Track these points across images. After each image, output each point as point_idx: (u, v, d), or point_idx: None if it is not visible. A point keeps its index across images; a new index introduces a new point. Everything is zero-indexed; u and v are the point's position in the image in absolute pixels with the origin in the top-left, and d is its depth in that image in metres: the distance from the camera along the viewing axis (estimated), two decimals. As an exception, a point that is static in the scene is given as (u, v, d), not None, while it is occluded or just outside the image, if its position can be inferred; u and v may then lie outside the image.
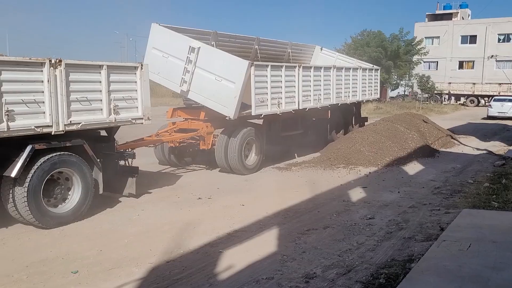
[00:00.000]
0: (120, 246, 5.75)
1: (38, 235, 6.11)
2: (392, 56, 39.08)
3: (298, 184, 9.39)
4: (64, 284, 4.64)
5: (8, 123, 5.75)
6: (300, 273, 4.92)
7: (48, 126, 6.24)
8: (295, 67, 11.38)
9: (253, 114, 10.03)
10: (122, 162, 7.89)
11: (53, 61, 6.19)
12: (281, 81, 10.74)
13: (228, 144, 10.03)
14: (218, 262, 5.28)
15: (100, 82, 6.91)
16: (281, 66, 10.90)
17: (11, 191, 6.08)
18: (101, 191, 7.14)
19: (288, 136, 12.21)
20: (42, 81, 6.13)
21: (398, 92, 49.59)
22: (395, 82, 43.36)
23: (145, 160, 10.41)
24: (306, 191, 8.75)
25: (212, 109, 9.75)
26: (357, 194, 8.53)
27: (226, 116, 9.61)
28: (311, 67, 12.29)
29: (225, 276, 4.91)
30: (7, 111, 5.72)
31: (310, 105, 12.06)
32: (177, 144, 10.61)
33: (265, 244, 5.82)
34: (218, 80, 9.52)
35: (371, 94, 16.33)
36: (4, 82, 5.68)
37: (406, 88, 47.54)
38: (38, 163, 6.19)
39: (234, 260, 5.29)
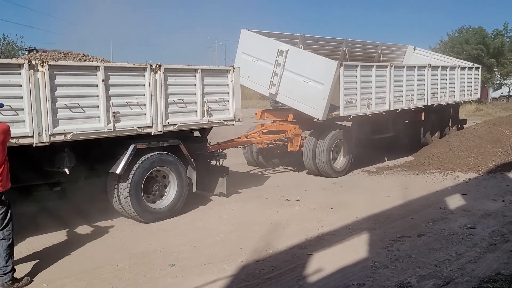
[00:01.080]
0: (212, 243, 5.96)
1: (138, 229, 6.55)
2: (494, 53, 35.97)
3: (389, 189, 9.02)
4: (162, 276, 4.91)
5: (115, 124, 6.24)
6: (393, 281, 4.71)
7: (149, 127, 6.67)
8: (386, 66, 10.97)
9: (341, 115, 9.85)
10: (213, 162, 8.19)
11: (153, 66, 6.62)
12: (371, 82, 10.41)
13: (316, 146, 9.95)
14: (307, 264, 5.24)
15: (195, 85, 7.24)
16: (372, 66, 10.58)
17: (115, 187, 6.59)
18: (194, 189, 7.48)
19: (378, 138, 11.81)
20: (144, 85, 6.57)
21: (502, 93, 45.56)
22: (498, 81, 39.86)
23: (234, 160, 10.69)
24: (398, 196, 8.37)
25: (301, 111, 9.74)
26: (455, 201, 7.98)
27: (315, 118, 9.54)
28: (403, 67, 11.76)
29: (314, 279, 4.87)
30: (114, 113, 6.21)
31: (402, 106, 11.53)
32: (265, 145, 10.76)
33: (355, 249, 5.67)
34: (307, 82, 9.50)
35: (471, 94, 15.20)
36: (112, 86, 6.18)
37: (511, 88, 43.53)
38: (139, 162, 6.64)
39: (323, 263, 5.22)
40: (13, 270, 4.57)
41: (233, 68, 7.78)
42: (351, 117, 10.18)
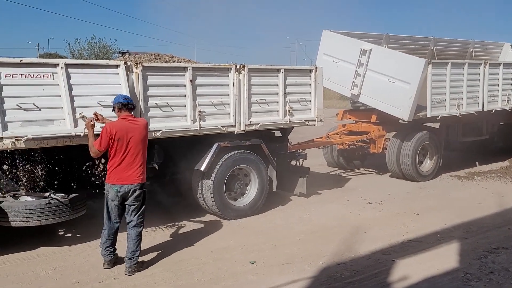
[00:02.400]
0: (292, 242, 5.94)
1: (220, 225, 6.72)
2: None
3: (482, 196, 8.39)
4: (244, 272, 4.99)
5: (200, 122, 6.47)
6: (489, 295, 4.37)
7: (232, 126, 6.82)
8: (480, 64, 10.21)
9: (428, 115, 9.34)
10: (293, 162, 8.17)
11: (238, 67, 6.75)
12: (463, 80, 9.75)
13: (401, 148, 9.54)
14: (392, 271, 5.03)
15: (277, 85, 7.28)
16: (463, 64, 9.91)
17: (200, 183, 6.83)
18: (274, 189, 7.52)
19: (469, 142, 11.03)
20: (228, 85, 6.73)
21: None
22: None
23: (314, 161, 10.58)
24: (493, 204, 7.76)
25: (385, 111, 9.40)
26: (560, 212, 7.22)
27: (400, 119, 9.15)
28: (500, 64, 10.86)
29: (399, 286, 4.66)
30: (200, 112, 6.43)
31: (497, 106, 10.66)
32: (347, 146, 10.53)
33: (444, 258, 5.34)
34: (391, 81, 9.13)
35: None
36: (198, 86, 6.41)
37: None
38: (223, 160, 6.82)
39: (409, 271, 4.98)
40: (140, 255, 5.00)
41: (316, 67, 7.70)
42: (439, 118, 9.61)
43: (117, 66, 5.77)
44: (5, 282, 4.70)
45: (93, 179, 6.17)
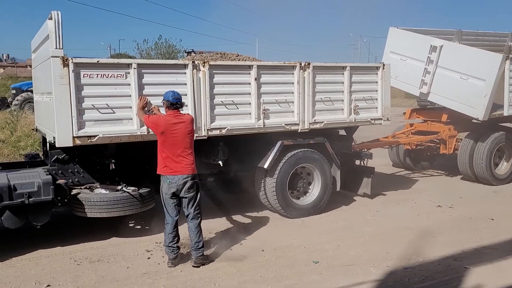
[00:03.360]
0: (357, 244, 5.81)
1: (282, 223, 6.72)
2: None
3: None
4: (307, 272, 4.95)
5: (264, 120, 6.50)
6: None
7: (295, 124, 6.79)
8: None
9: (505, 114, 8.77)
10: (357, 162, 7.98)
11: (302, 64, 6.71)
12: (545, 77, 9.00)
13: (475, 149, 9.01)
14: (464, 278, 4.76)
15: (343, 83, 7.14)
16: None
17: (262, 181, 6.87)
18: (338, 188, 7.39)
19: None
20: (293, 83, 6.71)
21: None
22: None
23: (379, 161, 10.26)
24: None
25: (457, 110, 8.91)
26: None
27: (474, 118, 8.64)
28: None
29: (473, 295, 4.41)
30: (264, 110, 6.46)
31: None
32: (414, 146, 10.13)
33: (523, 268, 4.97)
34: (464, 78, 8.65)
35: None
36: (263, 84, 6.44)
37: None
38: (286, 158, 6.81)
39: (483, 280, 4.69)
40: (203, 245, 5.16)
41: (383, 64, 7.47)
42: (518, 116, 8.97)
43: (185, 66, 5.94)
44: (82, 268, 5.01)
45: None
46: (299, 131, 6.84)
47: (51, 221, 5.57)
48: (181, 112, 5.21)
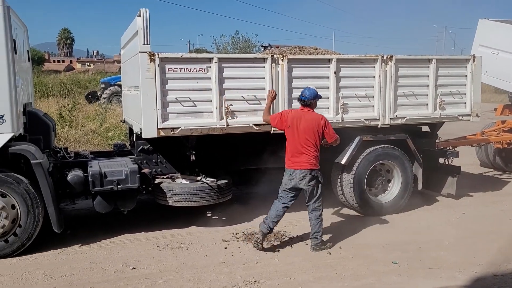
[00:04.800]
0: (440, 246, 5.50)
1: (359, 221, 6.52)
2: None
3: None
4: (386, 272, 4.78)
5: (343, 115, 6.36)
6: None
7: (375, 119, 6.57)
8: None
9: None
10: (441, 160, 7.54)
11: (384, 57, 6.46)
12: None
13: None
14: None
15: (428, 76, 6.77)
16: None
17: (339, 177, 6.73)
18: (420, 187, 7.05)
19: None
20: (374, 77, 6.49)
21: None
22: None
23: (465, 160, 9.62)
24: None
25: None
26: None
27: None
28: None
29: None
30: (343, 104, 6.32)
31: None
32: (506, 145, 9.35)
33: None
34: None
35: None
36: (342, 78, 6.30)
37: None
38: (364, 154, 6.61)
39: None
40: (322, 234, 5.41)
41: (474, 57, 6.97)
42: None
43: (264, 60, 5.98)
44: (163, 253, 5.26)
45: (238, 167, 6.56)
46: (379, 126, 6.61)
47: (136, 207, 5.90)
48: (313, 110, 5.44)
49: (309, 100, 5.39)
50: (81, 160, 6.20)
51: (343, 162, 6.51)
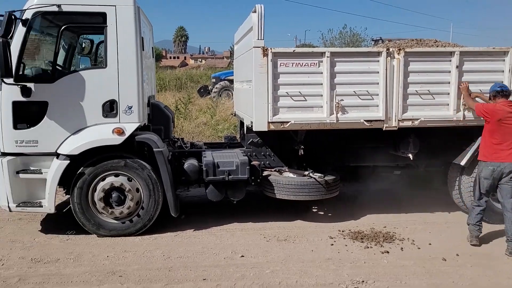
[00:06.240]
0: None
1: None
2: None
3: None
4: (510, 286, 4.34)
5: (464, 113, 5.88)
6: None
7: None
8: None
9: None
10: None
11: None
12: None
13: None
14: None
15: None
16: None
17: (457, 179, 6.26)
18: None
19: None
20: (503, 71, 5.90)
21: None
22: None
23: None
24: None
25: None
26: None
27: None
28: None
29: None
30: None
31: None
32: None
33: None
34: None
35: None
36: (465, 72, 5.82)
37: None
38: (488, 155, 6.04)
39: None
40: None
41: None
42: None
43: (378, 53, 5.76)
44: (270, 244, 5.37)
45: (346, 163, 6.44)
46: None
47: (244, 198, 6.09)
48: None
49: (507, 90, 5.34)
50: (196, 150, 6.58)
51: (462, 163, 6.04)
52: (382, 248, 5.24)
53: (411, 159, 6.17)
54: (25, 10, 5.15)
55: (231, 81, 18.97)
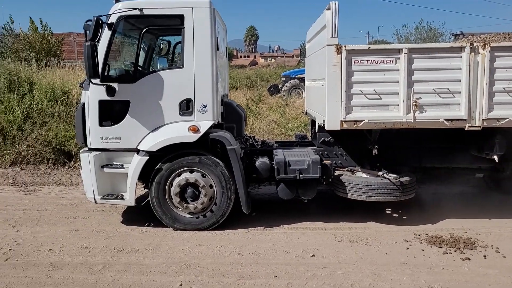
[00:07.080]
0: None
1: None
2: None
3: None
4: None
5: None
6: None
7: None
8: None
9: None
10: None
11: None
12: None
13: None
14: None
15: None
16: None
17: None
18: None
19: None
20: None
21: None
22: None
23: None
24: None
25: None
26: None
27: None
28: None
29: None
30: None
31: None
32: None
33: None
34: None
35: None
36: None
37: None
38: None
39: None
40: None
41: None
42: None
43: (461, 49, 5.44)
44: (342, 245, 5.27)
45: (422, 164, 6.16)
46: None
47: (315, 197, 6.04)
48: None
49: None
50: (268, 148, 6.63)
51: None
52: (462, 255, 4.95)
53: (497, 161, 5.76)
54: (111, 14, 5.49)
55: (301, 79, 18.89)
